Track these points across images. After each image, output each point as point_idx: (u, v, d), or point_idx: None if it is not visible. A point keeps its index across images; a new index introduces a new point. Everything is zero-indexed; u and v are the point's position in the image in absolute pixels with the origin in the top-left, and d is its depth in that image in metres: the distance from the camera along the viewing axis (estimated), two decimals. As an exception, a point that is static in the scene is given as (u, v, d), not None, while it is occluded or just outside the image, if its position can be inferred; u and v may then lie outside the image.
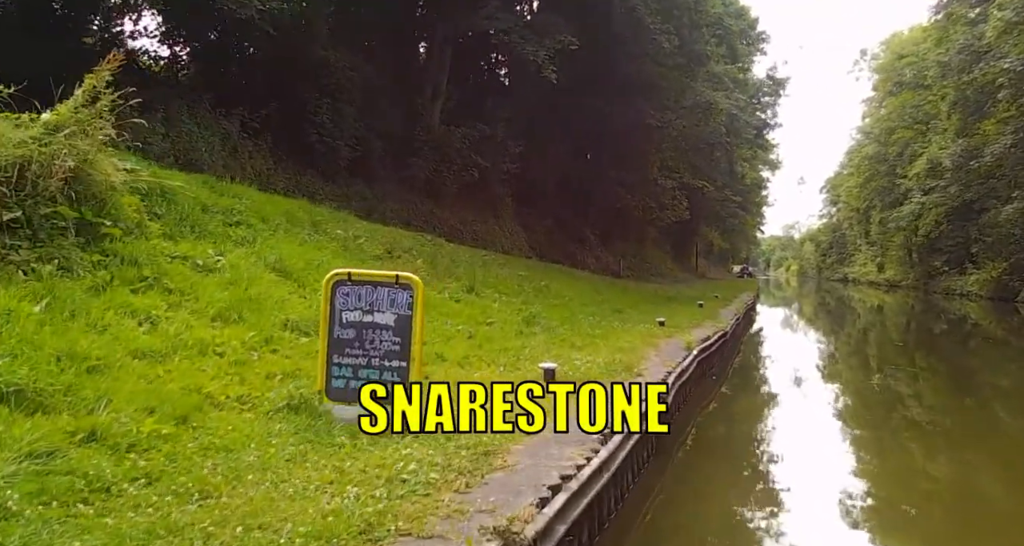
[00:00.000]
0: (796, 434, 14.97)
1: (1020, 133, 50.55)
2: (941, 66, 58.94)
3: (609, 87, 45.95)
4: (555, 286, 24.82)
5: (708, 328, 21.07)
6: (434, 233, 32.94)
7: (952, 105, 59.26)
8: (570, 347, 14.12)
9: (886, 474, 12.57)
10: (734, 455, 13.15)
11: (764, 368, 24.88)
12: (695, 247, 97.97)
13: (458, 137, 35.63)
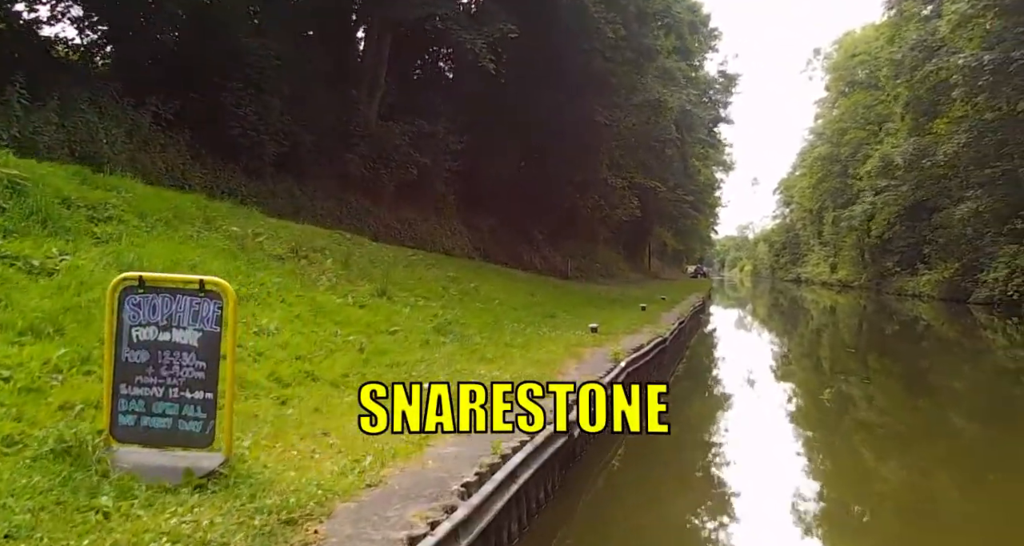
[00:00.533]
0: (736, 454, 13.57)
1: (974, 132, 49.75)
2: (894, 64, 58.15)
3: (557, 83, 44.69)
4: (486, 288, 23.18)
5: (646, 334, 19.51)
6: (369, 232, 31.48)
7: (905, 106, 58.55)
8: (479, 360, 12.51)
9: (839, 484, 12.24)
10: (662, 480, 11.68)
11: (709, 376, 23.36)
12: (648, 247, 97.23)
13: (396, 133, 34.20)
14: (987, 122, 49.75)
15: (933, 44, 50.49)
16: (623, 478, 11.48)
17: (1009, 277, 52.02)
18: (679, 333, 25.06)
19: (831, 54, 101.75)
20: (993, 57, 40.21)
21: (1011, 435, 15.55)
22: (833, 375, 24.13)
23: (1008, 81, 42.36)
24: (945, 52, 48.07)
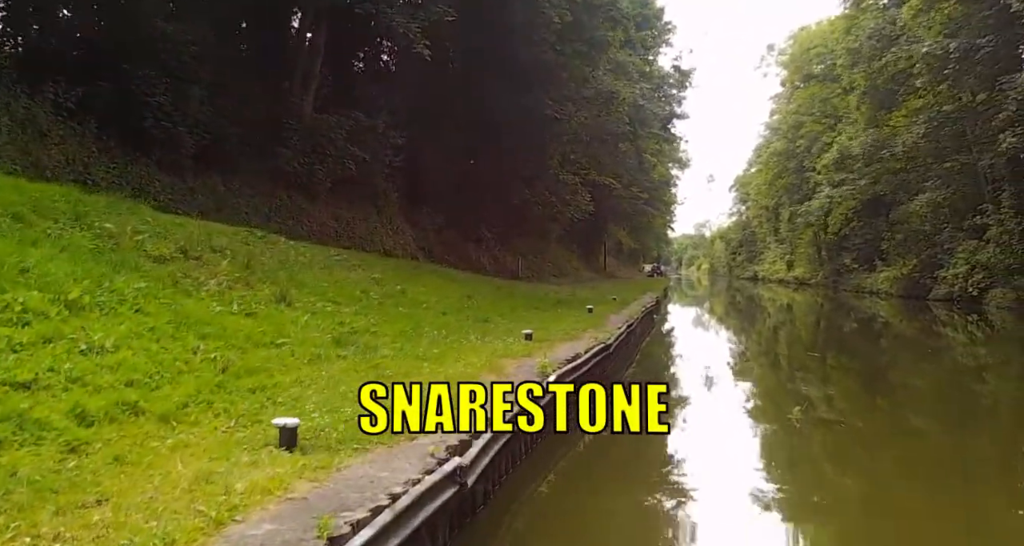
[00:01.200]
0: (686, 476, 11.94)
1: (933, 122, 48.53)
2: (851, 53, 56.81)
3: (506, 76, 42.97)
4: (415, 291, 21.12)
5: (586, 340, 17.50)
6: (302, 231, 29.52)
7: (862, 95, 57.23)
8: (376, 379, 10.52)
9: (797, 488, 11.71)
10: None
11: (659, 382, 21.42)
12: (603, 246, 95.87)
13: (333, 126, 32.21)
14: (946, 113, 48.59)
15: (892, 33, 49.18)
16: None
17: (969, 273, 51.11)
18: (627, 337, 23.16)
19: (785, 49, 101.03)
20: (958, 44, 38.79)
21: (974, 436, 15.54)
22: (793, 377, 23.16)
23: (971, 70, 41.08)
24: (905, 40, 46.76)
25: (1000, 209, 49.83)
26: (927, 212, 56.69)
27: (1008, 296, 46.36)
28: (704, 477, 11.51)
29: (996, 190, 51.23)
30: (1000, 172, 50.92)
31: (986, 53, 38.07)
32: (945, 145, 51.89)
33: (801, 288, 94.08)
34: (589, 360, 15.00)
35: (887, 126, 55.57)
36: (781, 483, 11.67)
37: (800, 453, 14.06)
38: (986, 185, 51.86)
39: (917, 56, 42.73)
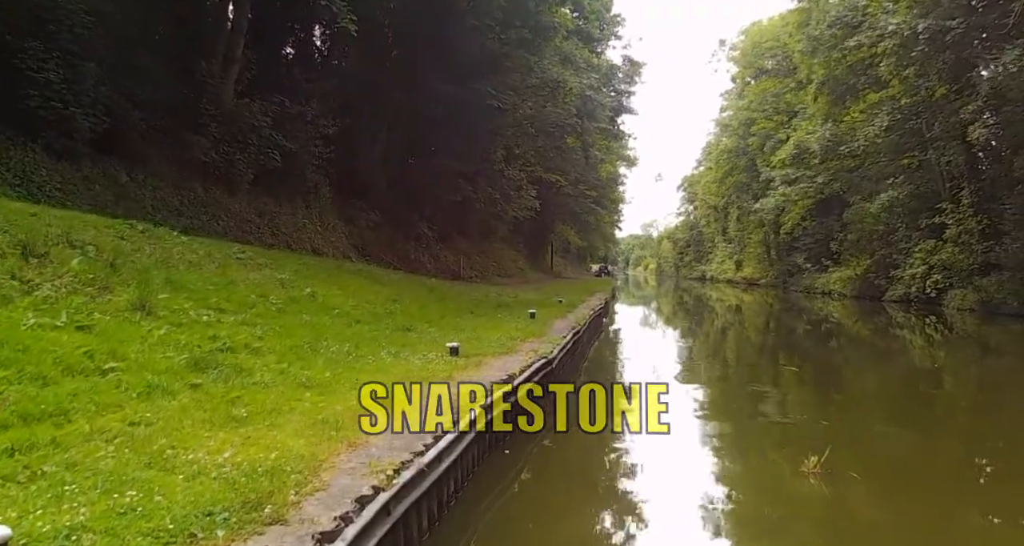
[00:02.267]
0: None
1: (896, 114, 46.68)
2: (811, 41, 54.80)
3: (448, 65, 40.52)
4: (328, 295, 18.20)
5: (523, 354, 14.66)
6: (217, 226, 26.71)
7: (820, 86, 55.25)
8: (221, 423, 7.62)
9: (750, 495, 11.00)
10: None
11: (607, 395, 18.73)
12: (550, 245, 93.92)
13: (256, 113, 29.38)
14: (906, 107, 46.84)
15: (854, 20, 47.26)
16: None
17: (927, 273, 49.53)
18: (573, 346, 20.56)
19: (737, 45, 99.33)
20: (928, 25, 36.76)
21: (931, 439, 14.77)
22: (746, 386, 20.88)
23: (939, 56, 39.14)
24: (867, 27, 44.83)
25: (959, 208, 48.33)
26: (882, 211, 55.22)
27: (969, 298, 44.69)
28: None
29: (955, 188, 49.72)
30: (959, 170, 49.48)
31: (956, 35, 36.06)
32: (905, 141, 50.24)
33: (750, 289, 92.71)
34: (525, 382, 12.29)
35: (843, 121, 53.72)
36: (735, 491, 10.96)
37: (756, 461, 13.09)
38: (944, 183, 50.31)
39: (884, 34, 40.61)
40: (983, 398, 19.71)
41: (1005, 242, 42.52)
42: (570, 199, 76.20)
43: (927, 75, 42.37)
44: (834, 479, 10.41)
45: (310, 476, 6.40)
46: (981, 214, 46.13)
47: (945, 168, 50.50)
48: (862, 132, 48.70)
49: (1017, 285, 40.31)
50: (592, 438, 13.31)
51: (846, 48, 47.85)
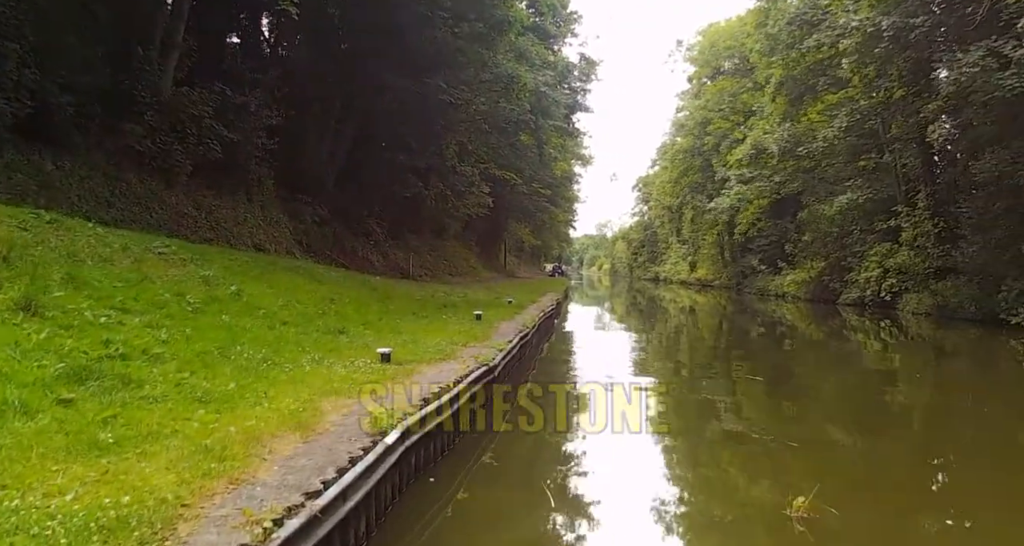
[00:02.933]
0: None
1: (855, 116, 46.10)
2: (769, 39, 54.15)
3: (399, 58, 39.38)
4: (256, 294, 16.81)
5: (463, 360, 13.44)
6: (152, 220, 25.32)
7: (778, 86, 54.64)
8: (85, 450, 6.21)
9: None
10: None
11: (554, 403, 17.52)
12: (504, 244, 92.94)
13: (197, 101, 27.99)
14: (864, 108, 46.30)
15: (814, 18, 46.63)
16: None
17: (882, 277, 49.11)
18: (520, 350, 19.46)
19: (694, 45, 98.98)
20: (891, 22, 36.07)
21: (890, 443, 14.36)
22: (701, 393, 19.58)
23: (901, 54, 38.51)
24: (827, 26, 44.19)
25: (915, 211, 47.91)
26: (837, 214, 54.86)
27: (925, 302, 44.21)
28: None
29: (911, 191, 49.34)
30: (916, 172, 49.13)
31: (920, 33, 35.42)
32: (863, 143, 49.79)
33: (704, 290, 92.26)
34: (460, 396, 11.12)
35: (801, 122, 53.17)
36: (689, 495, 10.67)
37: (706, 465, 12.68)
38: (901, 186, 49.92)
39: (846, 32, 39.90)
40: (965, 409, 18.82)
41: (962, 246, 42.07)
42: (524, 197, 75.31)
43: (888, 75, 41.76)
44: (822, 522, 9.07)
45: (163, 530, 5.09)
46: (937, 217, 45.68)
47: (902, 171, 50.11)
48: (821, 133, 48.04)
49: (974, 290, 39.82)
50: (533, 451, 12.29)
51: (805, 47, 47.20)
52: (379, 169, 44.07)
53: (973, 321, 38.93)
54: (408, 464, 8.81)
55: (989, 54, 32.00)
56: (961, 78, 32.71)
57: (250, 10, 38.75)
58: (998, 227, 38.01)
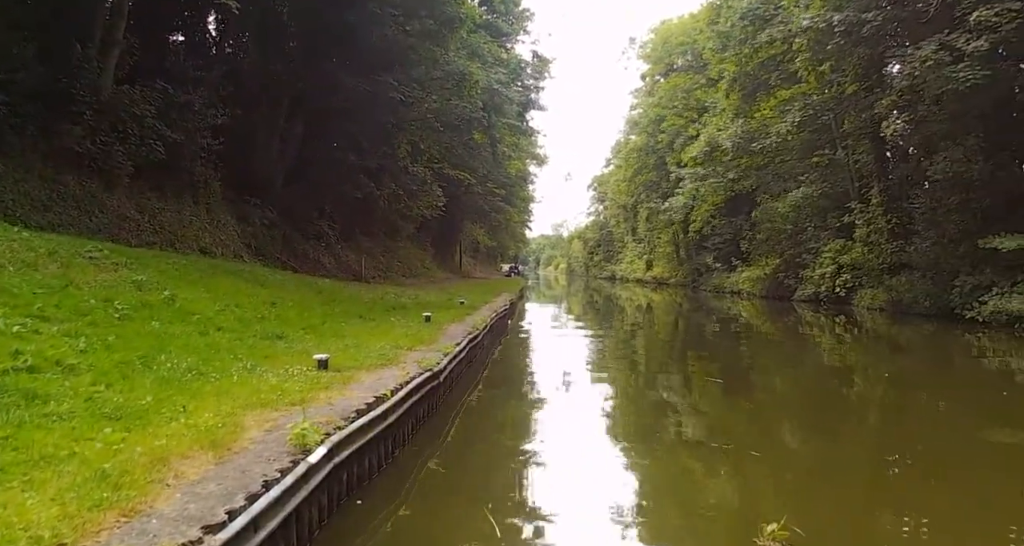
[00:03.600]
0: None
1: (808, 111, 46.00)
2: (721, 36, 53.90)
3: (350, 56, 38.75)
4: (191, 298, 15.98)
5: (406, 366, 12.70)
6: (90, 224, 24.35)
7: (732, 82, 54.44)
8: None
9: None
10: None
11: (507, 414, 16.89)
12: (459, 245, 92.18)
13: (138, 100, 27.00)
14: (817, 104, 46.20)
15: (766, 13, 46.46)
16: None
17: (836, 273, 49.16)
18: (470, 353, 18.90)
19: (647, 43, 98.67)
20: (843, 17, 35.91)
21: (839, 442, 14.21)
22: (658, 394, 19.17)
23: (854, 50, 38.36)
24: (779, 21, 44.03)
25: (868, 207, 48.00)
26: (791, 210, 54.83)
27: (879, 297, 44.27)
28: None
29: (864, 187, 49.41)
30: (869, 168, 49.20)
31: (872, 28, 35.25)
32: (816, 138, 49.79)
33: (660, 288, 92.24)
34: (399, 405, 10.48)
35: (755, 118, 52.98)
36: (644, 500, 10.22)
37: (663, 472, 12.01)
38: (854, 182, 49.98)
39: (798, 30, 39.73)
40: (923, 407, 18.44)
41: (915, 241, 42.11)
42: (478, 197, 74.71)
43: (841, 70, 41.65)
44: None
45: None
46: (891, 213, 45.77)
47: (855, 167, 50.22)
48: (774, 128, 47.86)
49: (928, 285, 39.82)
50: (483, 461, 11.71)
51: (757, 43, 47.05)
52: (330, 169, 43.24)
53: (927, 316, 38.96)
54: (339, 482, 8.13)
55: (942, 48, 31.93)
56: (914, 72, 32.60)
57: (194, 7, 37.93)
58: (951, 222, 38.06)
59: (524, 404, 17.05)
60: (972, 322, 34.28)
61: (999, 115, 35.93)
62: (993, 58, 32.15)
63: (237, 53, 41.88)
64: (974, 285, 35.76)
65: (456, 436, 12.91)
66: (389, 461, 10.10)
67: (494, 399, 17.42)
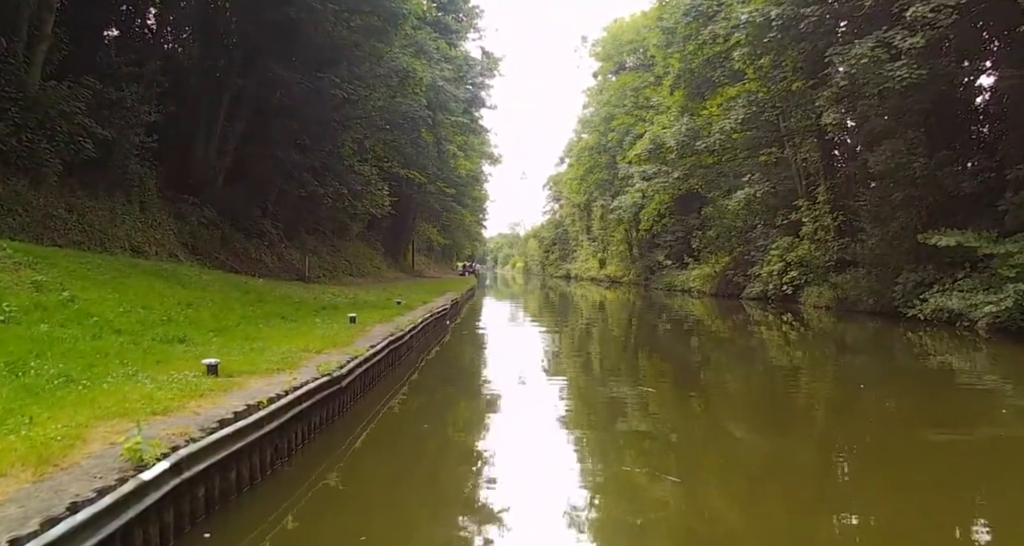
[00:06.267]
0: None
1: (752, 108, 45.89)
2: (665, 33, 53.72)
3: (292, 52, 38.23)
4: (95, 299, 15.01)
5: (304, 370, 12.12)
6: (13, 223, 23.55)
7: (676, 79, 54.24)
8: None
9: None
10: None
11: (427, 414, 16.37)
12: (411, 244, 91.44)
13: (65, 97, 26.19)
14: (762, 100, 46.11)
15: (709, 10, 46.31)
16: None
17: (784, 271, 49.19)
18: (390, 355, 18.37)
19: (599, 42, 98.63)
20: (781, 12, 35.78)
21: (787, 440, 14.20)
22: (608, 390, 18.75)
23: (794, 45, 38.25)
24: (723, 18, 43.88)
25: (815, 205, 48.08)
26: (739, 208, 54.86)
27: (825, 295, 44.36)
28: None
29: (811, 185, 49.49)
30: (815, 166, 49.30)
31: (810, 23, 35.10)
32: (763, 136, 49.75)
33: (613, 286, 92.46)
34: (281, 412, 9.87)
35: (700, 115, 52.83)
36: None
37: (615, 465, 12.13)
38: (801, 180, 50.04)
39: (737, 23, 39.61)
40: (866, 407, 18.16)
41: (860, 238, 42.20)
42: (430, 196, 74.18)
43: (782, 66, 41.51)
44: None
45: None
46: (837, 211, 45.94)
47: (801, 165, 50.31)
48: (718, 125, 47.74)
49: (872, 282, 39.88)
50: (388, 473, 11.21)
51: (701, 39, 46.92)
52: (273, 167, 42.52)
53: (872, 313, 39.06)
54: (192, 499, 7.60)
55: (879, 45, 31.81)
56: (852, 70, 32.52)
57: (131, 2, 37.22)
58: (895, 219, 38.10)
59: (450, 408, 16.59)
60: (914, 320, 34.25)
61: (941, 112, 35.99)
62: (931, 55, 32.09)
63: (175, 48, 41.12)
64: (916, 282, 35.81)
65: (364, 445, 12.41)
66: (268, 473, 9.55)
67: (418, 404, 16.94)
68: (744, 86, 47.39)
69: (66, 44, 28.82)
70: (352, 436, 12.62)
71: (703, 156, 53.14)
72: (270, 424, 9.38)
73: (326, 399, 11.85)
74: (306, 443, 10.98)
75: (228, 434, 8.29)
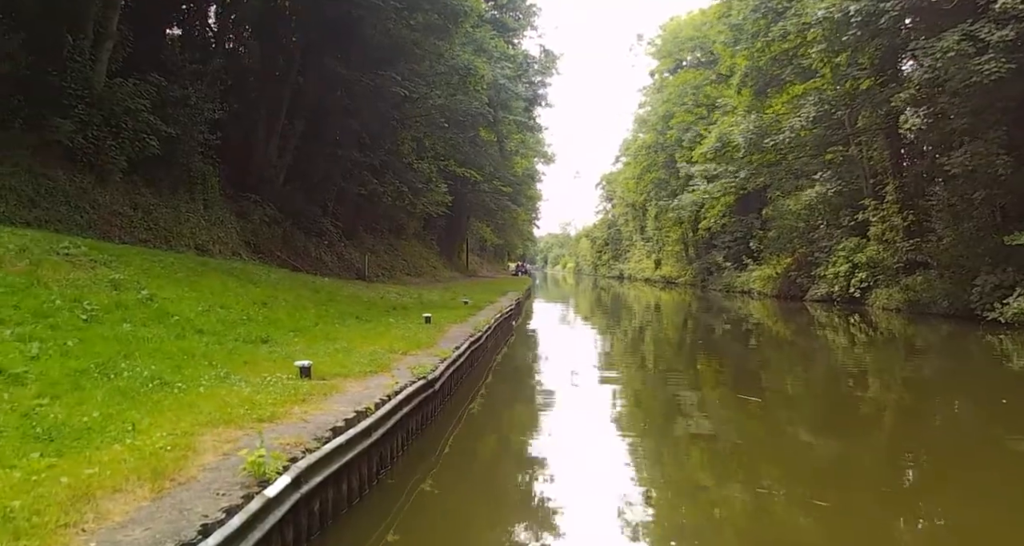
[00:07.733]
0: None
1: (824, 106, 44.78)
2: (733, 30, 52.70)
3: (352, 50, 37.85)
4: (173, 298, 14.64)
5: (398, 373, 11.61)
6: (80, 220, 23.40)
7: (743, 78, 53.20)
8: None
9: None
10: None
11: (508, 421, 15.85)
12: (465, 243, 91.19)
13: (132, 94, 26.01)
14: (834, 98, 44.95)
15: (779, 7, 45.24)
16: None
17: (851, 272, 47.89)
18: (471, 357, 17.82)
19: (655, 39, 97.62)
20: (860, 7, 34.68)
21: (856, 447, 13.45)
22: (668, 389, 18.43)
23: (872, 41, 37.16)
24: (793, 14, 42.80)
25: (883, 205, 46.80)
26: (803, 209, 53.70)
27: (895, 297, 43.01)
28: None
29: (878, 184, 48.21)
30: (883, 165, 48.03)
31: (891, 19, 34.04)
32: (831, 135, 48.55)
33: (669, 287, 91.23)
34: (385, 419, 9.38)
35: (767, 114, 51.75)
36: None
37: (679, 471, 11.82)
38: (868, 179, 48.80)
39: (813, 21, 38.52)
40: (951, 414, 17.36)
41: (931, 239, 40.95)
42: (485, 195, 73.88)
43: (858, 63, 40.41)
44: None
45: None
46: (906, 211, 44.60)
47: (869, 163, 49.05)
48: (788, 123, 46.64)
49: (946, 284, 38.61)
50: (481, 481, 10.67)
51: (770, 36, 45.85)
52: (333, 166, 42.37)
53: (946, 316, 37.78)
54: (310, 514, 7.05)
55: (965, 38, 30.69)
56: (936, 64, 31.41)
57: (194, 1, 37.17)
58: (972, 218, 36.86)
59: (529, 411, 16.02)
60: (994, 323, 33.06)
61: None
62: (1019, 48, 30.94)
63: (237, 47, 41.03)
64: (995, 284, 34.54)
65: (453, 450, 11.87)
66: (374, 484, 9.02)
67: (497, 407, 16.40)
68: (813, 84, 46.24)
69: (130, 42, 28.71)
70: (442, 441, 12.09)
71: (768, 154, 51.97)
72: (377, 431, 8.87)
73: (422, 404, 11.34)
74: (404, 450, 10.43)
75: (342, 443, 7.78)
